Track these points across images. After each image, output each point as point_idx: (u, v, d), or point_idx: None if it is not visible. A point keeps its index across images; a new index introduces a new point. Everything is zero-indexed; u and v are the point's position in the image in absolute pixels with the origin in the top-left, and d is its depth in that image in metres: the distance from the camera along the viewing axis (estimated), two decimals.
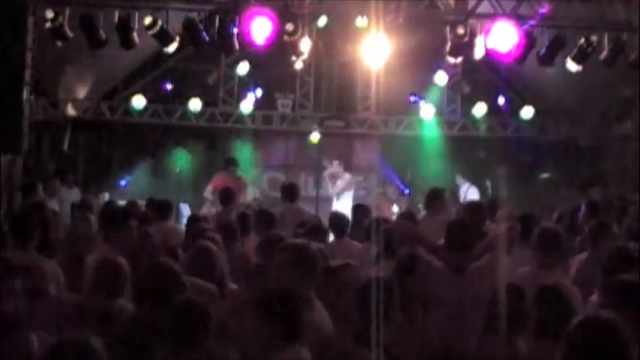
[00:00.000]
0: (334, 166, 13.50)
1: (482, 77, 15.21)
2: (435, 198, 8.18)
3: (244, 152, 15.27)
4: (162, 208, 8.15)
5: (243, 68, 14.47)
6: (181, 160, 14.44)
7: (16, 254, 5.25)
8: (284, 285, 4.05)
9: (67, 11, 10.96)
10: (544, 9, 11.34)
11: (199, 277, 4.98)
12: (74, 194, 12.86)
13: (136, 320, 3.94)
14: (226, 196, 9.33)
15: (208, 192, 12.09)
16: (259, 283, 4.65)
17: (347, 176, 13.39)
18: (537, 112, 14.61)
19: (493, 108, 14.84)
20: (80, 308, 4.35)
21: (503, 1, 12.00)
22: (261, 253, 5.42)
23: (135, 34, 10.97)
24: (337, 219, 7.74)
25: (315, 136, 14.94)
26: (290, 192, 9.37)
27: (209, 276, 5.13)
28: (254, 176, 15.00)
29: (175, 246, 6.05)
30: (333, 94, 15.84)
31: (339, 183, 13.00)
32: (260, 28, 10.86)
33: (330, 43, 14.43)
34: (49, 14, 10.75)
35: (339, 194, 13.03)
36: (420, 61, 13.75)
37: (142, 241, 5.96)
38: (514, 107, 14.89)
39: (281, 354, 3.60)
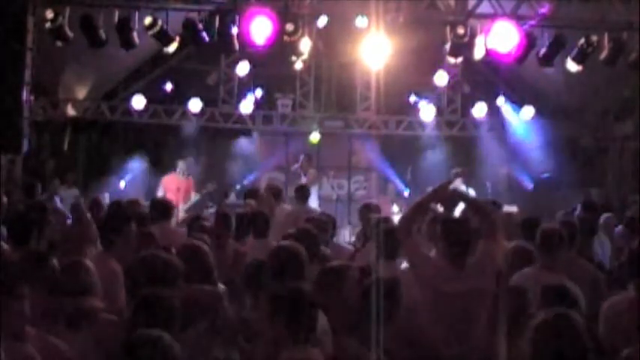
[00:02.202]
0: (301, 162, 13.49)
1: (482, 77, 15.20)
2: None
3: (244, 153, 15.27)
4: (165, 209, 8.13)
5: (243, 68, 14.46)
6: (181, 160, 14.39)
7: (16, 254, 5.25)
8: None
9: (67, 11, 10.96)
10: (544, 9, 11.33)
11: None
12: (74, 194, 12.87)
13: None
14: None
15: (161, 193, 12.12)
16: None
17: (312, 171, 13.34)
18: (537, 112, 14.61)
19: (493, 108, 14.84)
20: (50, 306, 4.33)
21: (504, 1, 12.00)
22: None
23: (135, 34, 10.97)
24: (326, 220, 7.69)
25: (315, 136, 14.94)
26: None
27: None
28: (254, 177, 15.01)
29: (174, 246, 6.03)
30: (333, 94, 15.83)
31: (303, 179, 12.96)
32: (260, 28, 10.86)
33: (330, 43, 14.41)
34: (49, 14, 10.75)
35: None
36: (420, 61, 13.75)
37: (143, 243, 5.93)
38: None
39: (291, 352, 3.60)
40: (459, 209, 6.63)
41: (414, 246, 5.08)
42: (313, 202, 12.02)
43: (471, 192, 12.37)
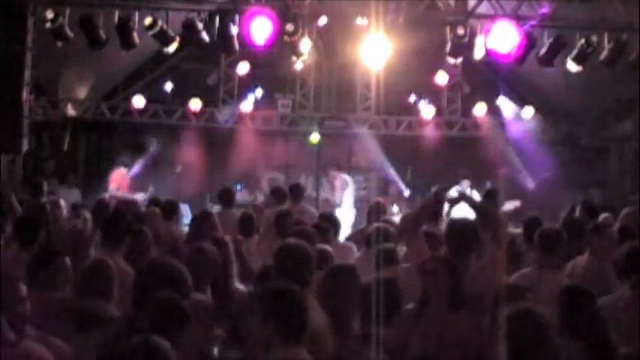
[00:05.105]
0: (330, 170, 13.46)
1: (482, 77, 15.20)
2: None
3: (244, 153, 15.25)
4: (166, 208, 8.12)
5: (243, 68, 14.46)
6: (181, 160, 14.37)
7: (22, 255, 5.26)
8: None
9: (67, 11, 10.97)
10: (544, 9, 11.34)
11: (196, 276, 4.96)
12: (74, 194, 12.87)
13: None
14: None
15: (113, 190, 12.17)
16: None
17: (343, 177, 13.31)
18: (537, 112, 14.60)
19: (493, 108, 14.84)
20: (61, 307, 4.33)
21: (504, 1, 12.00)
22: None
23: (135, 34, 10.97)
24: (330, 220, 7.68)
25: (315, 137, 14.94)
26: (295, 192, 9.67)
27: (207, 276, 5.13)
28: (254, 177, 15.01)
29: (178, 245, 6.05)
30: (333, 94, 15.83)
31: (337, 190, 12.92)
32: (260, 29, 10.86)
33: (330, 43, 14.42)
34: (49, 14, 10.76)
35: (340, 201, 12.98)
36: (420, 62, 13.75)
37: (136, 240, 5.94)
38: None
39: (281, 353, 3.60)
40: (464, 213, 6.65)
41: (417, 248, 5.10)
42: (349, 208, 12.08)
43: (475, 194, 12.36)
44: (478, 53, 11.67)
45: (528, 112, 14.57)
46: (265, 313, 3.68)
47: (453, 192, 12.41)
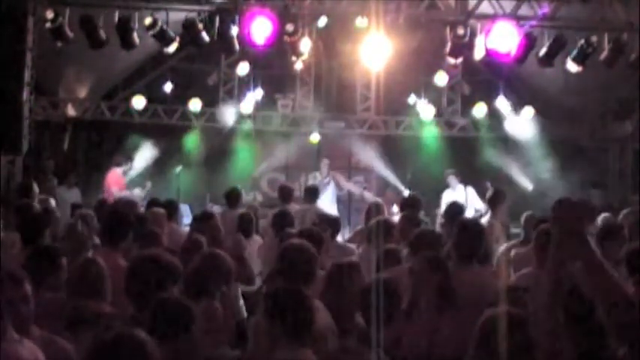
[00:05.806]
0: (322, 166, 13.49)
1: (482, 77, 15.20)
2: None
3: (244, 153, 15.26)
4: (167, 209, 8.12)
5: (243, 68, 14.46)
6: (181, 160, 14.37)
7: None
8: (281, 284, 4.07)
9: (67, 11, 10.97)
10: (544, 9, 11.35)
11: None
12: (74, 194, 12.86)
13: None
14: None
15: (116, 191, 12.20)
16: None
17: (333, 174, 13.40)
18: (537, 112, 14.60)
19: (493, 108, 14.84)
20: (54, 307, 4.33)
21: (504, 1, 12.00)
22: None
23: (135, 34, 10.97)
24: (328, 220, 7.69)
25: (315, 137, 14.94)
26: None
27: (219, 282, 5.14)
28: (254, 177, 15.00)
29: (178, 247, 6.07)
30: (333, 95, 15.83)
31: (346, 185, 12.97)
32: (260, 29, 10.87)
33: (330, 43, 14.41)
34: (49, 14, 10.76)
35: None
36: (420, 62, 13.76)
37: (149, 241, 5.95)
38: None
39: (286, 353, 3.61)
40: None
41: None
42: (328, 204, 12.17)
43: (470, 190, 12.38)
44: (478, 53, 11.66)
45: (528, 112, 14.56)
46: (271, 313, 3.69)
47: (447, 193, 12.47)
